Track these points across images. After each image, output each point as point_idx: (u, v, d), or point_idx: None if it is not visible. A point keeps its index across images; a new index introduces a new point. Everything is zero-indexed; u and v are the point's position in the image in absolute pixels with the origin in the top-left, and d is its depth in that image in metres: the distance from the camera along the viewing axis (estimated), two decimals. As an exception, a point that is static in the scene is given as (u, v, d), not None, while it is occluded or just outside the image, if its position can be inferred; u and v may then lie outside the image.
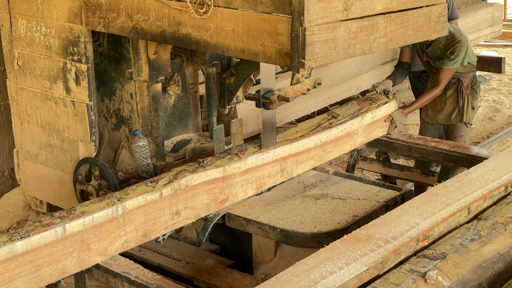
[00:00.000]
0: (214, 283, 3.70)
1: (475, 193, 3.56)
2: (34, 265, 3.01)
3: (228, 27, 3.30)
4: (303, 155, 4.11)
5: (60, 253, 3.10)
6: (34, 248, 3.00)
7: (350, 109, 4.51)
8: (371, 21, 3.32)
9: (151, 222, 3.44)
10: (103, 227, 3.22)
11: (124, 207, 3.28)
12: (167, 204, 3.47)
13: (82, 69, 3.99)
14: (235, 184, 3.78)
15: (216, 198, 3.72)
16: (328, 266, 2.88)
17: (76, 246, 3.16)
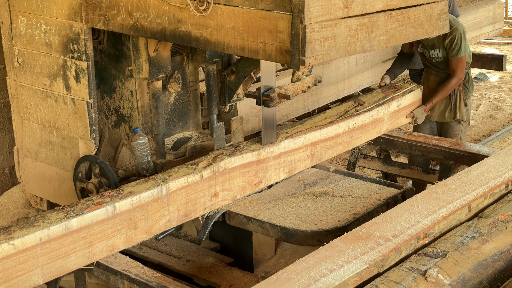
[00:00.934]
0: (214, 281, 3.70)
1: (476, 191, 3.56)
2: (87, 241, 3.20)
3: (228, 25, 3.29)
4: (332, 140, 4.26)
5: (110, 230, 3.27)
6: (87, 225, 3.17)
7: (375, 96, 4.68)
8: (372, 18, 3.32)
9: (192, 202, 3.58)
10: (149, 206, 3.39)
11: (168, 187, 3.42)
12: (206, 186, 3.62)
13: (82, 66, 3.98)
14: (269, 167, 3.94)
15: (251, 181, 3.87)
16: (328, 264, 2.88)
17: (125, 224, 3.32)
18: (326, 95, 5.75)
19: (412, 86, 4.90)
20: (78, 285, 3.73)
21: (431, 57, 5.06)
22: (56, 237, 3.07)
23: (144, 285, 3.36)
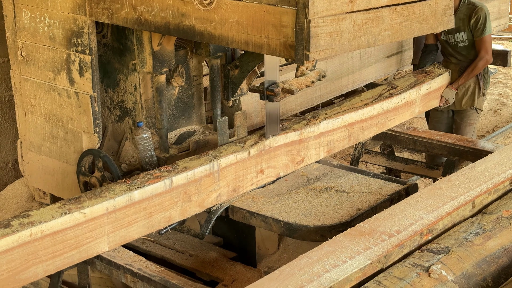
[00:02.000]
0: (217, 276, 3.70)
1: (480, 187, 3.55)
2: (147, 212, 3.40)
3: (232, 19, 3.28)
4: (368, 122, 4.47)
5: (167, 202, 3.47)
6: (148, 197, 3.38)
7: (407, 80, 4.89)
8: (377, 13, 3.30)
9: (240, 178, 3.79)
10: (202, 181, 3.58)
11: (219, 164, 3.63)
12: (253, 163, 3.83)
13: (86, 60, 3.98)
14: (310, 147, 4.13)
15: (294, 159, 4.05)
16: (331, 259, 2.88)
17: (180, 197, 3.52)
18: (330, 90, 5.74)
19: (441, 70, 5.11)
20: (81, 279, 3.74)
21: (456, 41, 5.13)
22: (120, 208, 3.29)
23: (147, 280, 3.36)
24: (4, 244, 2.90)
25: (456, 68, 5.21)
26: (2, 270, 2.92)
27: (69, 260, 3.17)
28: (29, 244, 2.99)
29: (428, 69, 5.15)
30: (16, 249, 2.95)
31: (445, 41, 5.23)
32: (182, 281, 3.33)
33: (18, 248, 2.96)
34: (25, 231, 2.97)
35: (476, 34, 5.05)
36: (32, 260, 3.02)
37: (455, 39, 5.11)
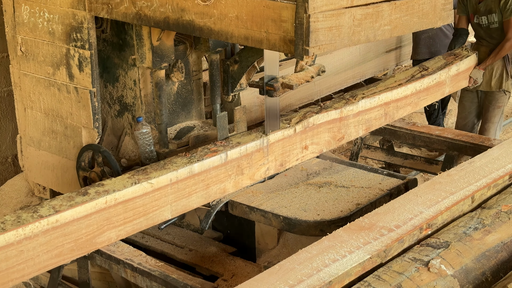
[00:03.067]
0: (216, 271, 3.70)
1: (479, 181, 3.55)
2: (205, 184, 3.60)
3: (232, 14, 3.28)
4: (402, 101, 4.66)
5: (223, 175, 3.67)
6: (206, 169, 3.58)
7: (437, 63, 5.08)
8: (376, 8, 3.30)
9: (287, 153, 3.97)
10: (253, 155, 3.78)
11: (268, 139, 3.82)
12: (298, 139, 4.00)
13: (85, 55, 3.98)
14: (349, 124, 4.31)
15: (335, 136, 4.24)
16: (331, 254, 2.88)
17: (234, 170, 3.73)
18: (329, 85, 5.74)
19: (469, 53, 5.29)
20: (81, 274, 3.74)
21: (488, 23, 5.27)
22: (182, 179, 3.49)
23: (146, 274, 3.37)
24: (83, 210, 3.14)
25: (487, 51, 5.35)
26: (81, 233, 3.16)
27: (138, 226, 3.38)
28: (104, 210, 3.22)
29: (456, 51, 5.32)
30: (93, 215, 3.19)
31: (477, 24, 5.37)
32: (181, 275, 3.34)
33: (95, 214, 3.19)
34: (101, 199, 3.20)
35: (505, 15, 5.16)
36: (106, 226, 3.25)
37: (488, 20, 5.25)
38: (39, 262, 3.06)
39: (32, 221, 2.99)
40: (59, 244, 3.10)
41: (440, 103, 6.35)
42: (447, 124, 7.20)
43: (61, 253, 3.13)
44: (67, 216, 3.09)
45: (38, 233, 3.00)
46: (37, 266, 3.07)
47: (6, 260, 2.94)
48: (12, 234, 2.93)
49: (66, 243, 3.13)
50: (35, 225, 2.99)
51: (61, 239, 3.10)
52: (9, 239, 2.93)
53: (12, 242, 2.94)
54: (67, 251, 3.15)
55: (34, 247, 3.02)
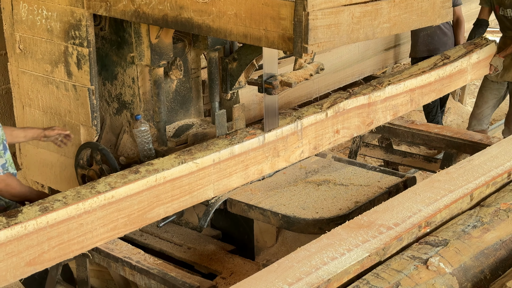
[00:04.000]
0: (215, 269, 3.70)
1: (478, 179, 3.55)
2: (244, 165, 3.78)
3: (230, 11, 3.27)
4: (426, 88, 4.82)
5: (260, 156, 3.84)
6: (245, 151, 3.75)
7: (458, 51, 5.25)
8: (375, 5, 3.30)
9: (319, 137, 4.13)
10: (288, 138, 3.94)
11: (302, 123, 3.98)
12: (330, 123, 4.17)
13: (84, 53, 3.97)
14: (377, 110, 4.47)
15: (364, 121, 4.40)
16: (329, 252, 2.88)
17: (271, 152, 3.89)
18: (328, 83, 5.74)
19: (488, 41, 5.44)
20: (79, 271, 3.74)
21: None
22: (224, 160, 3.65)
23: (145, 272, 3.36)
24: (136, 187, 3.33)
25: None
26: (133, 209, 3.35)
27: (184, 204, 3.55)
28: (154, 188, 3.40)
29: (476, 41, 5.46)
30: (144, 192, 3.37)
31: (502, 15, 5.50)
32: (180, 273, 3.33)
33: (146, 191, 3.37)
34: (151, 177, 3.38)
35: None
36: (156, 202, 3.43)
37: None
38: (96, 235, 3.26)
39: (90, 196, 3.19)
40: (114, 219, 3.29)
41: (439, 101, 6.36)
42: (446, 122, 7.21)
43: (116, 227, 3.33)
44: (122, 192, 3.28)
45: (96, 207, 3.20)
46: (94, 238, 3.27)
47: (68, 232, 3.15)
48: (73, 208, 3.13)
49: (120, 217, 3.32)
50: (93, 200, 3.19)
51: (116, 214, 3.29)
52: (70, 212, 3.13)
53: (73, 215, 3.14)
54: (121, 226, 3.34)
55: (92, 221, 3.21)
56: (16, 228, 2.97)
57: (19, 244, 3.00)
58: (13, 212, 3.04)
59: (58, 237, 3.12)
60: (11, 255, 2.99)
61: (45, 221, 3.05)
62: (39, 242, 3.06)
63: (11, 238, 2.96)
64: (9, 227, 2.96)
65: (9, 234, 2.95)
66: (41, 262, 3.11)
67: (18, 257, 3.01)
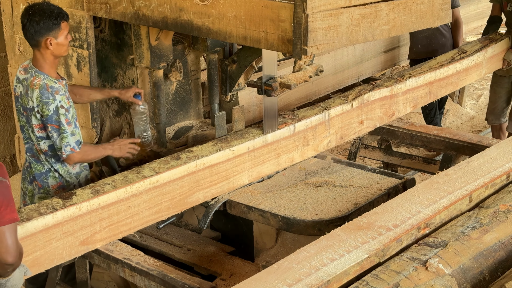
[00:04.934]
0: (215, 270, 3.71)
1: (477, 181, 3.56)
2: (276, 153, 3.95)
3: (230, 13, 3.28)
4: (444, 81, 5.02)
5: (291, 145, 4.02)
6: (277, 140, 3.93)
7: (474, 46, 5.47)
8: (374, 8, 3.31)
9: (345, 127, 4.34)
10: (317, 128, 4.13)
11: (329, 114, 4.17)
12: (355, 114, 4.36)
13: (84, 55, 3.98)
14: (399, 102, 4.67)
15: (387, 112, 4.60)
16: (329, 253, 2.89)
17: (301, 141, 4.06)
18: (327, 85, 5.74)
19: (502, 37, 5.67)
20: (79, 273, 3.75)
21: None
22: (258, 147, 3.83)
23: (145, 274, 3.37)
24: (178, 172, 3.51)
25: None
26: (175, 193, 3.53)
27: (221, 190, 3.74)
28: (194, 173, 3.58)
29: (490, 36, 5.68)
30: (185, 177, 3.55)
31: (510, 12, 5.65)
32: (180, 275, 3.34)
33: (187, 176, 3.55)
34: (192, 163, 3.56)
35: None
36: (196, 187, 3.61)
37: None
38: (142, 217, 3.44)
39: (137, 180, 3.38)
40: (158, 202, 3.47)
41: (437, 103, 6.36)
42: (445, 124, 7.21)
43: (160, 210, 3.50)
44: (165, 177, 3.46)
45: (142, 191, 3.39)
46: (141, 220, 3.44)
47: (117, 214, 3.33)
48: (122, 192, 3.32)
49: (164, 201, 3.49)
50: (140, 184, 3.37)
51: (160, 197, 3.47)
52: (119, 195, 3.31)
53: (122, 198, 3.32)
54: (164, 209, 3.51)
55: (139, 204, 3.40)
56: (72, 209, 3.16)
57: (74, 224, 3.19)
58: (68, 195, 3.24)
59: (109, 218, 3.30)
60: (67, 235, 3.18)
61: (97, 203, 3.24)
62: (91, 222, 3.25)
63: (67, 218, 3.15)
64: (65, 207, 3.15)
65: (65, 215, 3.14)
66: (93, 242, 3.29)
67: (73, 237, 3.20)
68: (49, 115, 3.45)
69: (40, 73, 3.48)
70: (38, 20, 3.42)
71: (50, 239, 3.12)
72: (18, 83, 3.57)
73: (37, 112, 3.47)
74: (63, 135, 3.48)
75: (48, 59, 3.51)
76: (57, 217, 3.11)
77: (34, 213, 3.10)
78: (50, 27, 3.43)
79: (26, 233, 3.02)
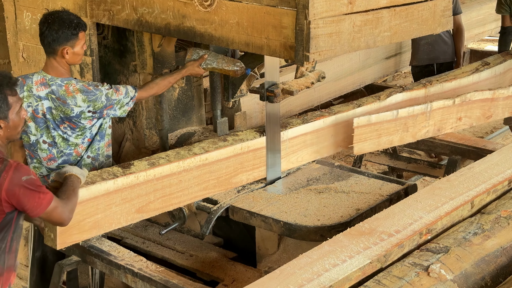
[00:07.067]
0: (217, 276, 3.71)
1: (479, 187, 3.56)
2: (378, 133, 4.28)
3: (232, 20, 3.30)
4: None
5: (392, 129, 4.33)
6: (380, 121, 4.25)
7: (497, 60, 5.66)
8: (376, 14, 3.32)
9: (444, 121, 4.62)
10: (417, 117, 4.44)
11: (431, 106, 4.50)
12: (455, 110, 4.63)
13: (87, 61, 4.00)
14: (498, 105, 4.91)
15: (485, 113, 4.83)
16: (331, 259, 2.89)
17: (401, 126, 4.37)
18: (329, 91, 5.76)
19: None
20: (81, 279, 3.75)
21: None
22: (361, 126, 4.15)
23: (147, 279, 3.37)
24: (225, 152, 3.72)
25: None
26: (222, 173, 3.75)
27: (262, 174, 3.95)
28: (240, 155, 3.79)
29: None
30: (231, 158, 3.76)
31: None
32: (182, 281, 3.34)
33: (232, 158, 3.76)
34: (238, 145, 3.78)
35: None
36: (240, 169, 3.82)
37: None
38: (191, 192, 3.65)
39: (189, 156, 3.59)
40: (206, 179, 3.68)
41: None
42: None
43: (207, 187, 3.71)
44: (214, 156, 3.67)
45: (193, 167, 3.60)
46: (190, 195, 3.66)
47: (169, 187, 3.55)
48: (175, 165, 3.53)
49: (211, 179, 3.71)
50: (191, 160, 3.58)
51: (208, 175, 3.69)
52: (173, 169, 3.52)
53: (175, 172, 3.54)
54: (211, 186, 3.72)
55: (189, 179, 3.61)
56: (130, 177, 3.38)
57: (131, 191, 3.40)
58: (127, 164, 3.44)
59: (162, 190, 3.52)
60: (125, 201, 3.40)
61: (153, 174, 3.46)
62: (147, 192, 3.46)
63: (126, 186, 3.37)
64: (125, 175, 3.36)
65: (124, 182, 3.36)
66: (148, 210, 3.51)
67: (130, 204, 3.42)
68: (104, 104, 3.52)
69: (67, 79, 3.50)
70: (57, 29, 3.43)
71: (111, 203, 3.34)
72: (39, 101, 3.52)
73: (89, 111, 3.51)
74: (118, 106, 3.58)
75: (64, 67, 3.53)
76: (118, 184, 3.33)
77: (98, 178, 3.30)
78: (68, 37, 3.45)
79: (90, 196, 3.25)
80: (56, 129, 3.53)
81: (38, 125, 3.55)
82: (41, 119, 3.53)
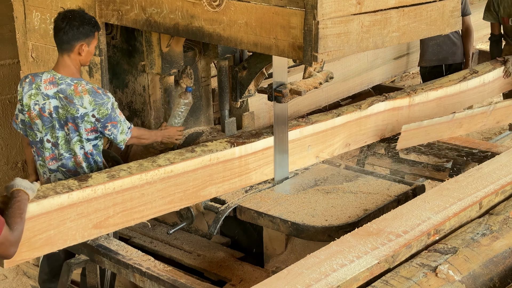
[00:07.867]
0: (225, 276, 3.72)
1: (487, 188, 3.56)
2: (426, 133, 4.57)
3: (241, 20, 3.30)
4: None
5: (444, 128, 4.65)
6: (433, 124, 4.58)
7: (485, 68, 5.69)
8: (384, 15, 3.32)
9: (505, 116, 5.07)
10: (477, 115, 4.77)
11: (495, 106, 4.89)
12: None
13: (96, 61, 4.01)
14: None
15: None
16: (339, 259, 2.89)
17: (454, 125, 4.65)
18: (337, 92, 5.76)
19: None
20: (90, 278, 3.76)
21: None
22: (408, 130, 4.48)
23: (155, 279, 3.38)
24: (192, 164, 3.55)
25: None
26: (189, 185, 3.58)
27: (233, 186, 3.79)
28: (208, 167, 3.63)
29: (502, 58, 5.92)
30: (199, 170, 3.60)
31: None
32: (190, 280, 3.35)
33: (201, 169, 3.60)
34: (206, 156, 3.61)
35: None
36: (209, 181, 3.66)
37: None
38: (155, 206, 3.48)
39: (152, 168, 3.41)
40: (171, 192, 3.51)
41: None
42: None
43: (173, 201, 3.53)
44: (180, 168, 3.49)
45: (157, 180, 3.42)
46: (153, 209, 3.48)
47: (131, 200, 3.37)
48: (137, 178, 3.36)
49: (177, 192, 3.53)
50: (154, 172, 3.41)
51: (173, 188, 3.51)
52: (134, 181, 3.35)
53: (136, 185, 3.36)
54: (177, 200, 3.55)
55: (152, 192, 3.43)
56: (87, 191, 3.20)
57: (88, 206, 3.22)
58: (84, 177, 3.28)
59: (122, 204, 3.33)
60: (81, 216, 3.21)
61: (112, 187, 3.28)
62: (105, 206, 3.28)
63: (82, 200, 3.19)
64: (81, 189, 3.18)
65: (80, 196, 3.18)
66: (106, 226, 3.32)
67: (87, 219, 3.23)
68: (108, 114, 3.50)
69: (78, 79, 3.51)
70: (78, 25, 3.45)
71: (65, 219, 3.16)
72: (47, 99, 3.53)
73: (92, 116, 3.49)
74: (121, 128, 3.56)
75: (76, 66, 3.54)
76: (73, 198, 3.15)
77: (51, 192, 3.13)
78: (87, 33, 3.48)
79: (41, 211, 3.06)
80: (61, 129, 3.54)
81: (44, 124, 3.56)
82: (47, 117, 3.54)
